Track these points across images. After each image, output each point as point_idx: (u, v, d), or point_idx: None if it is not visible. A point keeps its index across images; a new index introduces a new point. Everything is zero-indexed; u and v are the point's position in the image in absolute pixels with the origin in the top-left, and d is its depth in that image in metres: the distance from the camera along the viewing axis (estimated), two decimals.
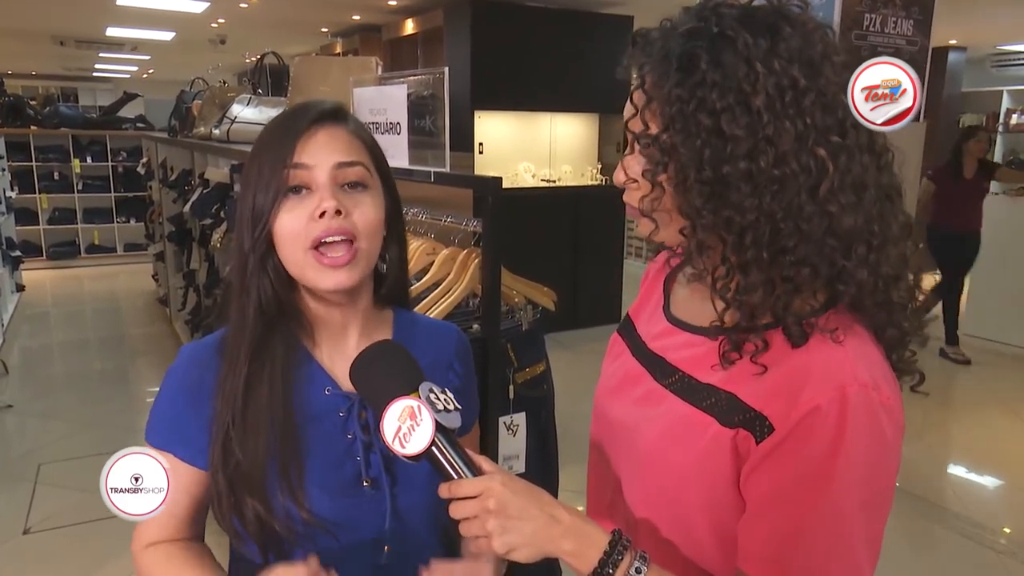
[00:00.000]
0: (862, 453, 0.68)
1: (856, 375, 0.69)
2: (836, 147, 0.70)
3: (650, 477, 0.82)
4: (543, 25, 5.75)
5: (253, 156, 0.87)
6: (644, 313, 0.95)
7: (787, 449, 0.70)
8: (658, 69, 0.73)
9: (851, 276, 0.71)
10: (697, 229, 0.73)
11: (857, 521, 0.69)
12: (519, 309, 1.64)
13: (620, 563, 0.72)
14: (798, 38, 0.71)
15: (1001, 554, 2.90)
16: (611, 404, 0.91)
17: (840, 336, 0.71)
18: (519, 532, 0.72)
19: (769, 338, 0.73)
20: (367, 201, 0.86)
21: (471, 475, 0.75)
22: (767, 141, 0.69)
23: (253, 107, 3.39)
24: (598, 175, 6.32)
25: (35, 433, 3.99)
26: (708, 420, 0.76)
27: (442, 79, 1.51)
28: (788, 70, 0.69)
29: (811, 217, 0.69)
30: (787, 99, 0.69)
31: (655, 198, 0.75)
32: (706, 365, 0.78)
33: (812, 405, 0.68)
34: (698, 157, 0.70)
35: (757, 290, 0.72)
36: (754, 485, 0.73)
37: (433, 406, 0.75)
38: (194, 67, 8.44)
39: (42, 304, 6.76)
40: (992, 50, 8.65)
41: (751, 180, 0.70)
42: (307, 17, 7.23)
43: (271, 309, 0.87)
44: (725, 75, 0.69)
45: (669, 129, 0.72)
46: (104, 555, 2.70)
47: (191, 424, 0.87)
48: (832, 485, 0.68)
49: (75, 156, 7.92)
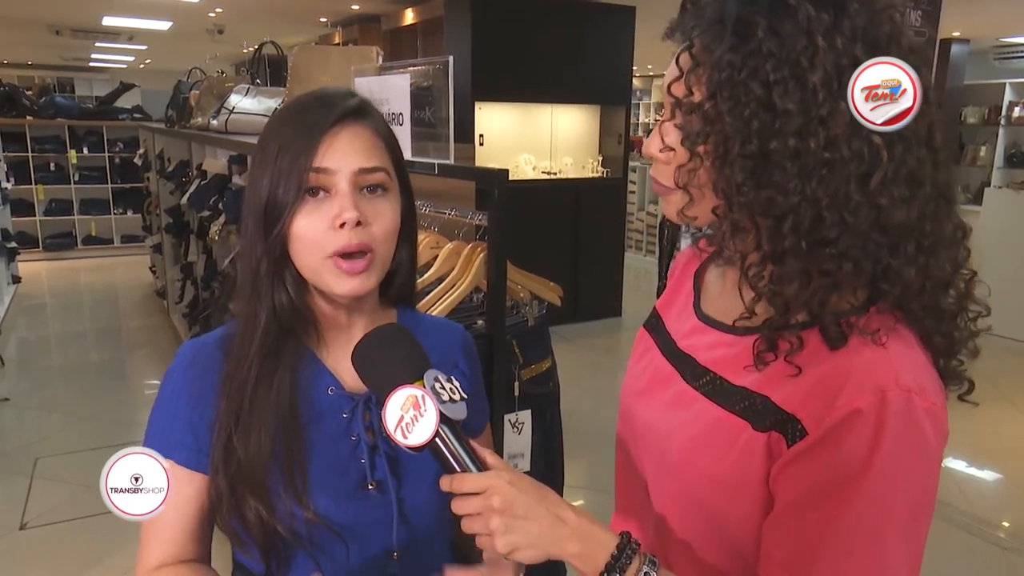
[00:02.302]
0: (902, 461, 0.64)
1: (899, 378, 0.64)
2: (893, 136, 0.65)
3: (682, 482, 0.78)
4: (544, 15, 5.71)
5: (268, 142, 0.83)
6: (674, 309, 0.90)
7: (819, 452, 0.66)
8: (710, 32, 0.68)
9: (897, 275, 0.67)
10: (733, 207, 0.69)
11: (892, 535, 0.65)
12: (524, 305, 1.61)
13: (628, 567, 0.70)
14: (864, 16, 0.66)
15: (1003, 549, 2.89)
16: (640, 405, 0.87)
17: (882, 338, 0.66)
18: (524, 532, 0.69)
19: (805, 337, 0.69)
20: (386, 207, 0.84)
21: (476, 470, 0.72)
22: (820, 121, 0.64)
23: (251, 97, 3.35)
24: (599, 167, 6.29)
25: (32, 426, 3.96)
26: (742, 425, 0.72)
27: (445, 69, 1.48)
28: (850, 48, 0.65)
29: (858, 208, 0.65)
30: (846, 79, 0.64)
31: (691, 170, 0.71)
32: (739, 366, 0.74)
33: (850, 409, 0.64)
34: (745, 129, 0.66)
35: (792, 281, 0.67)
36: (781, 488, 0.69)
37: (439, 396, 0.72)
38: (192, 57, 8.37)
39: (39, 296, 6.73)
40: (995, 42, 8.61)
41: (798, 160, 0.65)
42: (306, 6, 7.18)
43: (286, 316, 0.85)
44: (782, 45, 0.65)
45: (716, 97, 0.67)
46: (102, 550, 2.68)
47: (193, 428, 0.84)
48: (865, 493, 0.64)
49: (71, 147, 7.87)
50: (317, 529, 0.82)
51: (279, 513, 0.81)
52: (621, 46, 5.94)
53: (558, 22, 5.72)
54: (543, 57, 5.71)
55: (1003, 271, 5.52)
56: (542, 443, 1.61)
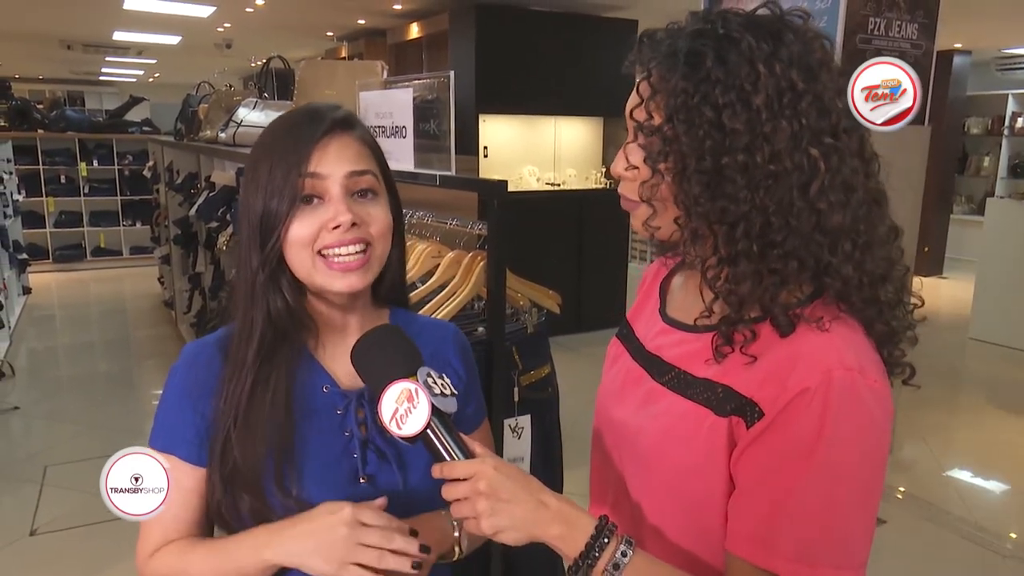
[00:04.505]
0: (850, 433, 0.70)
1: (842, 360, 0.71)
2: (828, 148, 0.73)
3: (654, 473, 0.84)
4: (548, 29, 5.77)
5: (259, 158, 0.87)
6: (642, 316, 0.98)
7: (774, 431, 0.72)
8: (665, 64, 0.76)
9: (836, 271, 0.75)
10: (692, 217, 0.76)
11: (846, 502, 0.71)
12: (524, 312, 1.64)
13: (607, 547, 0.75)
14: (799, 44, 0.74)
15: (1005, 557, 2.89)
16: (614, 406, 0.93)
17: (826, 324, 0.73)
18: (508, 515, 0.75)
19: (757, 329, 0.76)
20: (378, 209, 0.88)
21: (464, 458, 0.77)
22: (764, 138, 0.72)
23: (259, 111, 3.41)
24: (602, 178, 6.33)
25: (41, 435, 4.01)
26: (704, 412, 0.78)
27: (447, 83, 1.52)
28: (788, 73, 0.72)
29: (801, 213, 0.73)
30: (785, 100, 0.72)
31: (654, 185, 0.78)
32: (700, 360, 0.80)
33: (800, 388, 0.70)
34: (699, 147, 0.74)
35: (746, 281, 0.75)
36: (742, 467, 0.75)
37: (431, 390, 0.78)
38: (200, 71, 8.48)
39: (48, 307, 6.79)
40: (997, 53, 8.62)
41: (747, 173, 0.73)
42: (313, 21, 7.26)
43: (282, 321, 0.89)
44: (729, 73, 0.73)
45: (672, 120, 0.75)
46: (110, 556, 2.72)
47: (194, 424, 0.88)
48: (817, 463, 0.70)
49: (81, 159, 7.97)
50: None
51: (273, 507, 0.84)
52: (624, 59, 5.97)
53: (561, 35, 5.78)
54: (546, 70, 5.77)
55: (1006, 281, 5.52)
56: (541, 447, 1.65)
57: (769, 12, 0.78)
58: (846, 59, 2.61)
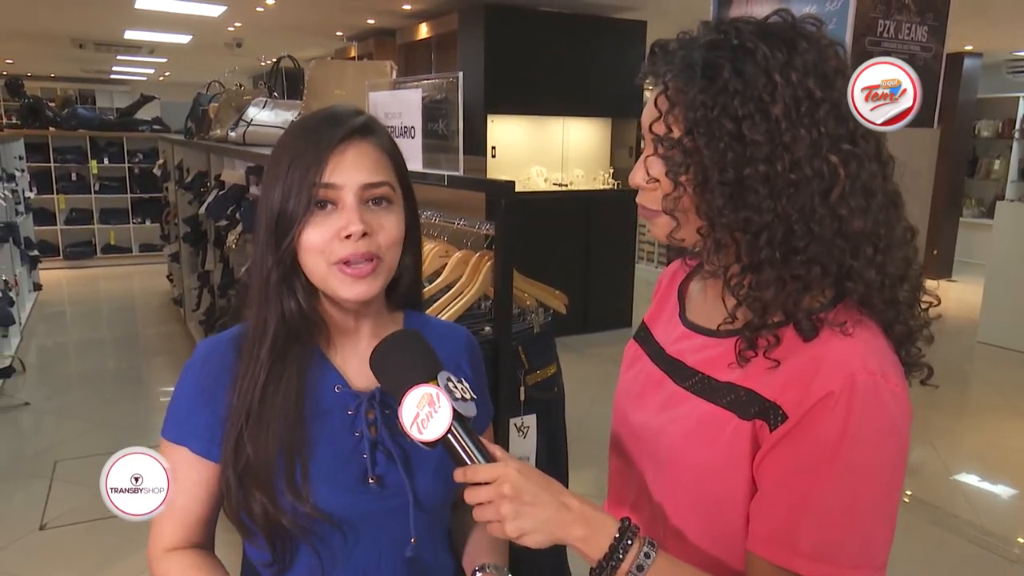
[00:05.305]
0: (872, 436, 0.71)
1: (865, 364, 0.72)
2: (847, 155, 0.74)
3: (675, 475, 0.84)
4: (556, 30, 5.77)
5: (279, 158, 0.88)
6: (661, 320, 0.98)
7: (798, 433, 0.72)
8: (681, 76, 0.77)
9: (859, 275, 0.75)
10: (715, 228, 0.77)
11: (867, 504, 0.71)
12: (531, 312, 1.65)
13: (630, 548, 0.75)
14: (813, 53, 0.75)
15: (1013, 562, 2.88)
16: (633, 409, 0.93)
17: (849, 328, 0.74)
18: (532, 517, 0.75)
19: (780, 334, 0.76)
20: (391, 218, 0.88)
21: (485, 462, 0.77)
22: (784, 147, 0.73)
23: (269, 110, 3.42)
24: (610, 179, 6.32)
25: (51, 431, 4.04)
26: (728, 416, 0.78)
27: (456, 83, 1.53)
28: (804, 82, 0.73)
29: (823, 219, 0.73)
30: (803, 109, 0.73)
31: (676, 197, 0.78)
32: (723, 365, 0.81)
33: (824, 392, 0.71)
34: (720, 159, 0.74)
35: (769, 287, 0.75)
36: (765, 470, 0.75)
37: (451, 394, 0.77)
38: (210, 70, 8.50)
39: (59, 303, 6.84)
40: (1008, 56, 8.57)
41: (768, 183, 0.74)
42: (322, 21, 7.29)
43: (295, 322, 0.89)
44: (746, 84, 0.73)
45: (692, 132, 0.76)
46: (119, 551, 2.74)
47: (207, 419, 0.89)
48: (839, 466, 0.70)
49: (92, 157, 8.02)
50: (318, 521, 0.86)
51: (283, 506, 0.85)
52: (632, 59, 5.98)
53: (570, 36, 5.78)
54: (555, 71, 5.77)
55: (1015, 285, 5.49)
56: (547, 446, 1.65)
57: (781, 20, 0.78)
58: (855, 62, 2.59)
